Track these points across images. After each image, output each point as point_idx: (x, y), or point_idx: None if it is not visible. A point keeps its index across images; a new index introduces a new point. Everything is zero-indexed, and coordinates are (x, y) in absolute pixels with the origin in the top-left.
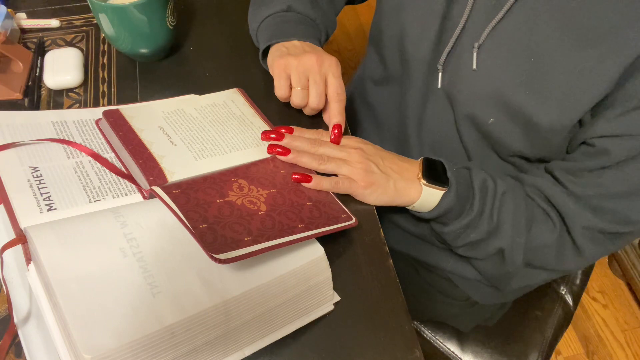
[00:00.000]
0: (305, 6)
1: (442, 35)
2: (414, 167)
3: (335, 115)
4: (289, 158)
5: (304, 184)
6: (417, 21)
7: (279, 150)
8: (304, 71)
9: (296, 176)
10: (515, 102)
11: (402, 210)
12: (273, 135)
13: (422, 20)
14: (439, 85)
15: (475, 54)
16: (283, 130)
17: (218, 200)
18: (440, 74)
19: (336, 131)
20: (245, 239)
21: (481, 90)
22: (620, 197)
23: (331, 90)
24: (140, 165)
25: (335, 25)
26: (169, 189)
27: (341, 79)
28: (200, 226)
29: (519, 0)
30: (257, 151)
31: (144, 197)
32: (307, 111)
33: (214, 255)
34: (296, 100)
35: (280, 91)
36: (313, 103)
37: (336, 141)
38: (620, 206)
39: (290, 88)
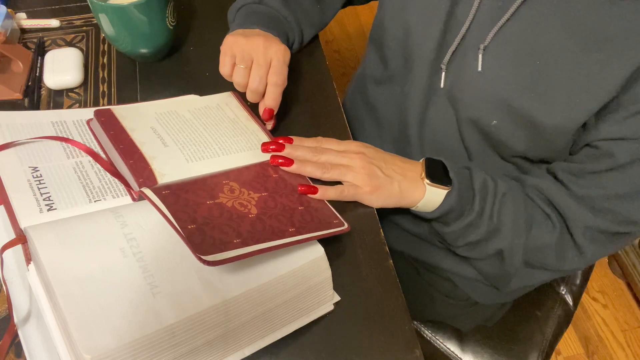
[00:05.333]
0: (277, 3)
1: (447, 34)
2: (417, 168)
3: (268, 100)
4: (293, 169)
5: (310, 195)
6: (422, 20)
7: (281, 161)
8: (249, 51)
9: (302, 188)
10: (520, 104)
11: (401, 210)
12: (273, 147)
13: (426, 19)
14: (442, 85)
15: (480, 56)
16: (281, 141)
17: (208, 202)
18: (443, 73)
19: (266, 116)
20: (234, 241)
21: (485, 92)
22: (622, 198)
23: (271, 73)
24: (131, 165)
25: (323, 24)
26: (158, 190)
27: (285, 66)
28: (189, 227)
29: (526, 2)
30: (250, 154)
31: (133, 199)
32: (248, 95)
33: (202, 257)
34: (237, 79)
35: (222, 68)
36: (252, 84)
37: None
38: (622, 207)
39: (234, 67)
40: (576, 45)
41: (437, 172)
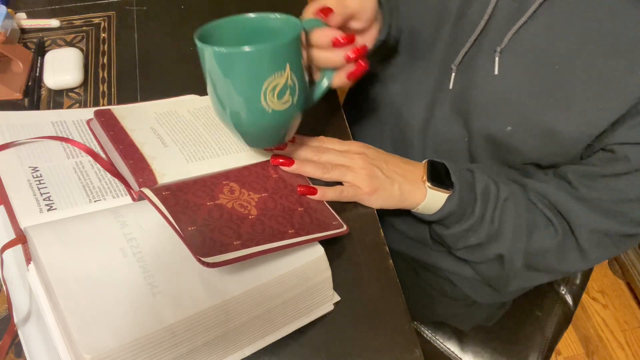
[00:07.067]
0: None
1: (458, 34)
2: (418, 170)
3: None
4: (293, 168)
5: (310, 196)
6: (431, 19)
7: (282, 161)
8: None
9: (301, 189)
10: (538, 110)
11: (399, 213)
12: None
13: (436, 18)
14: (451, 86)
15: (497, 59)
16: None
17: (208, 203)
18: (453, 74)
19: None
20: (234, 243)
21: (501, 97)
22: (633, 202)
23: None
24: (131, 166)
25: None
26: (159, 190)
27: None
28: (189, 228)
29: (544, 4)
30: (250, 154)
31: (133, 199)
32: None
33: (202, 259)
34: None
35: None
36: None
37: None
38: (631, 209)
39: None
40: (596, 51)
41: (439, 175)
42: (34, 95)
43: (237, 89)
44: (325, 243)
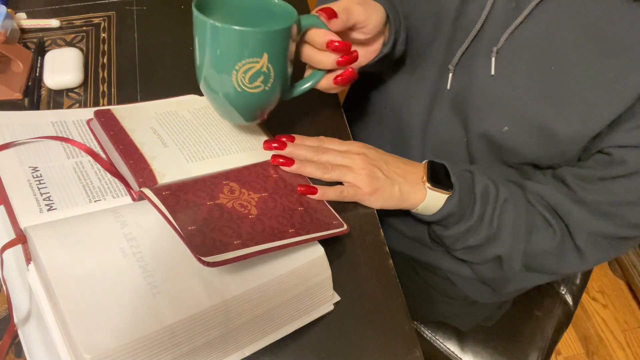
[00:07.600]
0: None
1: (456, 34)
2: (419, 170)
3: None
4: (293, 169)
5: (310, 196)
6: (430, 19)
7: (282, 161)
8: None
9: (302, 189)
10: (534, 111)
11: (399, 214)
12: (275, 145)
13: (434, 18)
14: (448, 87)
15: (494, 59)
16: (284, 139)
17: (208, 203)
18: (450, 74)
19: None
20: (235, 243)
21: (498, 97)
22: (630, 205)
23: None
24: (131, 166)
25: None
26: (159, 190)
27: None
28: (189, 228)
29: (540, 4)
30: (250, 155)
31: (133, 199)
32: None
33: (202, 258)
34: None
35: None
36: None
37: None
38: (628, 212)
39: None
40: (593, 51)
41: (439, 175)
42: (34, 95)
43: (212, 58)
44: (325, 243)
